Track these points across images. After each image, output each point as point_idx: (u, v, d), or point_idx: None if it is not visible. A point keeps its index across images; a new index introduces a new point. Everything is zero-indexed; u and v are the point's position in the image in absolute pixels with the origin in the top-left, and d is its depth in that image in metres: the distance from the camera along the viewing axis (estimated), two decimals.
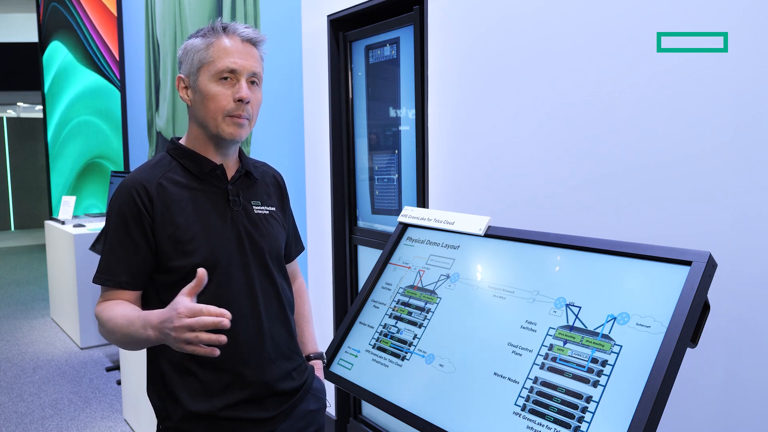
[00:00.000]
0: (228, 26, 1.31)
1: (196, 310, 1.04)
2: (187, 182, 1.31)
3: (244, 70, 1.28)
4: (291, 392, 1.38)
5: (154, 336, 1.12)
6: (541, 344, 1.18)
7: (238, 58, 1.28)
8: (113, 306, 1.24)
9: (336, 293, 2.75)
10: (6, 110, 14.34)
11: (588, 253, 1.23)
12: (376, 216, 2.61)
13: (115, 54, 6.10)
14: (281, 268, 1.42)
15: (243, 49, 1.29)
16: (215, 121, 1.28)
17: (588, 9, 1.63)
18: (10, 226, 11.95)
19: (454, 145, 2.07)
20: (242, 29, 1.31)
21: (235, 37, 1.30)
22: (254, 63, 1.31)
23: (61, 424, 3.36)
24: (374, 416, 2.63)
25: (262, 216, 1.39)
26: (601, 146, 1.61)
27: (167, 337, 1.08)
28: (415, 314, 1.44)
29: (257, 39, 1.33)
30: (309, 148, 2.88)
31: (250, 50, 1.31)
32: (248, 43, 1.31)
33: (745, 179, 1.35)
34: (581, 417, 1.06)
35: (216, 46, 1.28)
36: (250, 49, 1.31)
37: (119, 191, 1.29)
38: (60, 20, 7.06)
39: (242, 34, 1.30)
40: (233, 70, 1.27)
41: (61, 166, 7.27)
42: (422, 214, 1.60)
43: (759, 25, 1.31)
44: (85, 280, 4.67)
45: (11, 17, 11.61)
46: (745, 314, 1.36)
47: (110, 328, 1.22)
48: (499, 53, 1.89)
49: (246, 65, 1.29)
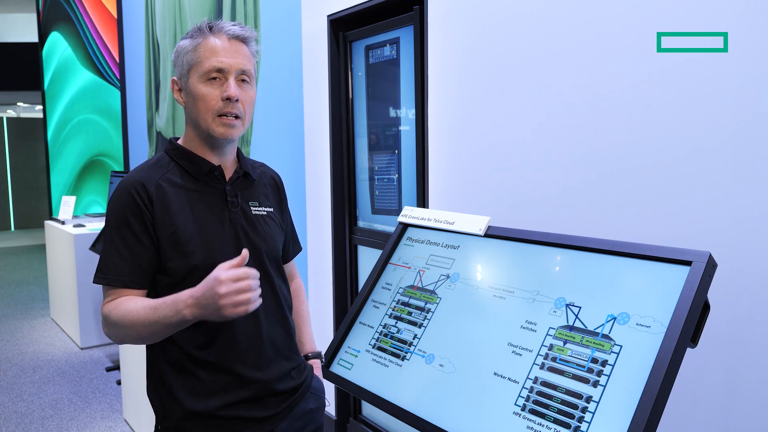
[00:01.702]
0: (214, 25, 1.30)
1: (241, 273, 1.12)
2: (185, 183, 1.31)
3: (231, 69, 1.27)
4: (290, 391, 1.38)
5: (191, 314, 1.14)
6: (541, 344, 1.18)
7: (225, 57, 1.27)
8: (126, 301, 1.22)
9: (336, 293, 2.75)
10: (6, 110, 14.34)
11: (588, 253, 1.23)
12: (376, 216, 2.61)
13: (115, 54, 6.10)
14: (279, 269, 1.42)
15: (230, 48, 1.28)
16: (206, 121, 1.28)
17: (588, 9, 1.63)
18: (10, 226, 11.95)
19: (454, 145, 2.07)
20: (229, 27, 1.30)
21: (221, 35, 1.29)
22: (242, 60, 1.29)
23: (61, 424, 3.36)
24: (374, 416, 2.63)
25: (260, 217, 1.39)
26: (601, 146, 1.61)
27: (209, 309, 1.12)
28: (415, 314, 1.44)
29: (245, 35, 1.31)
30: (309, 148, 2.88)
31: (238, 48, 1.30)
32: (236, 41, 1.30)
33: (745, 179, 1.35)
34: (581, 417, 1.06)
35: (203, 47, 1.28)
36: (238, 46, 1.30)
37: (119, 191, 1.28)
38: (60, 12, 7.06)
39: (229, 31, 1.29)
40: (220, 69, 1.27)
41: (62, 166, 7.27)
42: (422, 214, 1.60)
43: (759, 25, 1.31)
44: (85, 280, 4.67)
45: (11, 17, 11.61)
46: (745, 314, 1.36)
47: (129, 322, 1.19)
48: (499, 53, 1.89)
49: (233, 63, 1.27)
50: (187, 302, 1.14)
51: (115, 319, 1.21)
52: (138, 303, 1.21)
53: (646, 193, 1.52)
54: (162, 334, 1.21)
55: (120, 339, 1.26)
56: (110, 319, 1.23)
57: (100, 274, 1.26)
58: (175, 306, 1.15)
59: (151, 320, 1.17)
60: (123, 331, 1.22)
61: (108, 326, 1.25)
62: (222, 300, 1.10)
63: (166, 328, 1.18)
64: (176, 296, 1.16)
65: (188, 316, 1.14)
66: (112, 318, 1.22)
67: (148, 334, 1.20)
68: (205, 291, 1.12)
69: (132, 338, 1.23)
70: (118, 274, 1.25)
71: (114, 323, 1.22)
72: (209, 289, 1.11)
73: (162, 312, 1.16)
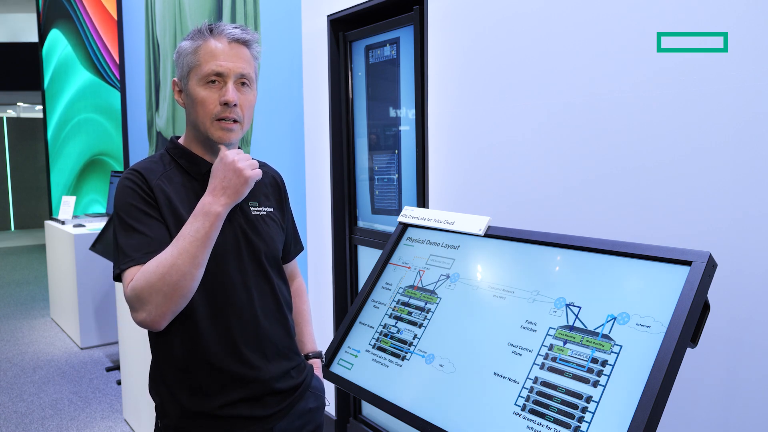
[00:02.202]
0: (215, 28, 1.28)
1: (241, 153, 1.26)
2: (184, 182, 1.31)
3: (231, 73, 1.26)
4: (290, 390, 1.38)
5: (222, 206, 1.22)
6: (541, 344, 1.18)
7: (224, 61, 1.26)
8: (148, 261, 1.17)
9: (336, 293, 2.75)
10: (6, 110, 14.35)
11: (588, 253, 1.23)
12: (376, 216, 2.61)
13: (115, 55, 6.10)
14: (278, 269, 1.41)
15: (230, 51, 1.27)
16: (204, 125, 1.28)
17: (588, 9, 1.63)
18: (10, 226, 11.95)
19: (454, 145, 2.07)
20: (230, 30, 1.28)
21: (222, 38, 1.27)
22: (242, 64, 1.28)
23: (61, 424, 3.36)
24: (374, 416, 2.63)
25: (260, 217, 1.38)
26: (601, 146, 1.61)
27: (232, 188, 1.23)
28: (415, 314, 1.44)
29: (245, 38, 1.29)
30: (309, 148, 2.88)
31: (239, 51, 1.28)
32: (236, 44, 1.28)
33: (745, 179, 1.35)
34: (581, 417, 1.06)
35: (203, 50, 1.27)
36: (238, 49, 1.28)
37: (121, 182, 1.28)
38: (60, 10, 7.06)
39: (230, 34, 1.27)
40: (219, 74, 1.26)
41: (62, 166, 7.28)
42: (422, 214, 1.60)
43: (759, 25, 1.31)
44: (85, 280, 4.67)
45: (11, 17, 11.61)
46: (745, 314, 1.36)
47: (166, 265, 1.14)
48: (499, 53, 1.89)
49: (233, 67, 1.26)
50: (209, 201, 1.22)
51: (148, 274, 1.15)
52: (160, 252, 1.18)
53: (646, 193, 1.52)
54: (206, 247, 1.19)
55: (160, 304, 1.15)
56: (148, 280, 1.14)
57: (124, 259, 1.19)
58: (201, 214, 1.20)
59: (184, 247, 1.16)
60: (161, 286, 1.14)
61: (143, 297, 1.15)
62: (242, 175, 1.23)
63: (207, 238, 1.19)
64: (197, 209, 1.22)
65: (221, 210, 1.21)
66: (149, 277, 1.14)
67: (190, 257, 1.16)
68: (220, 181, 1.23)
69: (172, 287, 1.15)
70: (145, 250, 1.19)
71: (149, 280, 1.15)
72: (223, 173, 1.23)
73: (192, 228, 1.19)
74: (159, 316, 1.16)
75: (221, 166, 1.24)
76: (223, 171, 1.24)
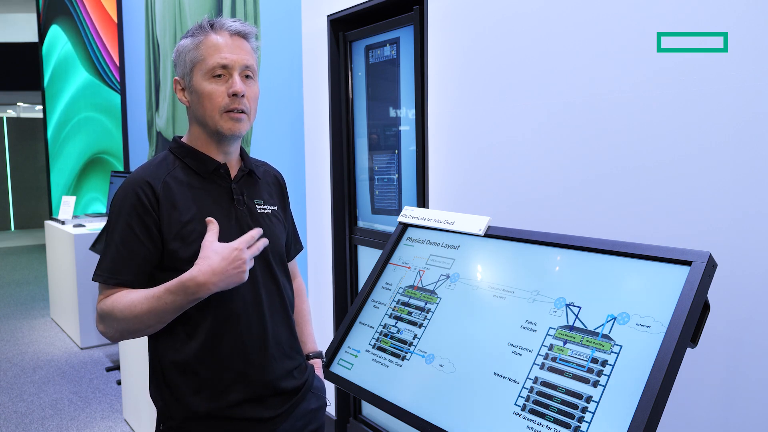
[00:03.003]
0: (215, 22, 1.30)
1: (248, 238, 1.22)
2: (191, 181, 1.31)
3: (236, 64, 1.27)
4: (293, 391, 1.38)
5: (209, 293, 1.18)
6: (541, 344, 1.18)
7: (228, 53, 1.27)
8: (124, 295, 1.22)
9: (336, 293, 2.75)
10: (6, 110, 14.34)
11: (588, 253, 1.23)
12: (376, 216, 2.61)
13: (114, 56, 6.10)
14: (284, 268, 1.42)
15: (233, 44, 1.29)
16: (213, 119, 1.28)
17: (588, 9, 1.63)
18: (10, 226, 11.95)
19: (454, 145, 2.07)
20: (230, 23, 1.30)
21: (223, 32, 1.29)
22: (245, 56, 1.29)
23: (61, 424, 3.36)
24: (374, 416, 2.63)
25: (265, 215, 1.39)
26: (601, 146, 1.61)
27: (225, 280, 1.18)
28: (415, 314, 1.44)
29: (246, 31, 1.32)
30: (309, 148, 2.88)
31: (240, 43, 1.30)
32: (238, 37, 1.30)
33: (745, 179, 1.35)
34: (581, 417, 1.06)
35: (205, 44, 1.28)
36: (240, 42, 1.30)
37: (124, 189, 1.27)
38: (60, 8, 7.06)
39: (230, 28, 1.29)
40: (225, 66, 1.27)
41: (62, 165, 7.27)
42: (422, 214, 1.60)
43: (759, 25, 1.31)
44: (85, 280, 4.67)
45: (11, 17, 11.61)
46: (745, 314, 1.36)
47: (131, 314, 1.19)
48: (499, 53, 1.89)
49: (237, 59, 1.28)
50: (200, 280, 1.16)
51: (117, 311, 1.20)
52: (138, 294, 1.21)
53: (646, 193, 1.52)
54: (167, 319, 1.22)
55: (119, 333, 1.24)
56: (112, 312, 1.21)
57: (98, 272, 1.26)
58: (183, 288, 1.17)
59: (153, 309, 1.18)
60: (124, 323, 1.21)
61: (106, 321, 1.23)
62: (242, 268, 1.19)
63: (173, 312, 1.20)
64: (184, 278, 1.17)
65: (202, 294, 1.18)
66: (112, 312, 1.21)
67: (153, 322, 1.21)
68: (223, 266, 1.17)
69: (134, 329, 1.22)
70: (116, 273, 1.24)
71: (115, 316, 1.21)
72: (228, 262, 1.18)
73: (170, 297, 1.18)
74: (116, 340, 1.29)
75: (227, 252, 1.19)
76: (228, 260, 1.18)
